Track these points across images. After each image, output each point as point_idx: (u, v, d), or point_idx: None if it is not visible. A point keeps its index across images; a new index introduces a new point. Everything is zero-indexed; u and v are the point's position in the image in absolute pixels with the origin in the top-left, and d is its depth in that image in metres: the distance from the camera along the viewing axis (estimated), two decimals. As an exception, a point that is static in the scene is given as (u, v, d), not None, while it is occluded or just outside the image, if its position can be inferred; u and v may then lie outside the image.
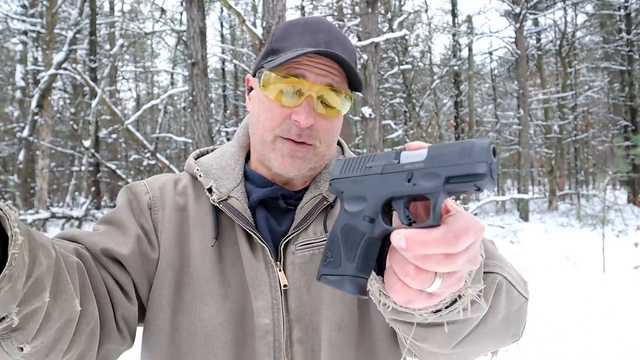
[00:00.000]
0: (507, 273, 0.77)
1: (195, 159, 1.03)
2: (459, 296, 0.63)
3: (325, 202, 0.94)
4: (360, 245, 0.55)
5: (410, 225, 0.53)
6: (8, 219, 0.58)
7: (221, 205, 0.91)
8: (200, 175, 0.96)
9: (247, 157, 1.03)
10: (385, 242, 0.57)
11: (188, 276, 0.89)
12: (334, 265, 0.58)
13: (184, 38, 11.28)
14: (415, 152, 0.54)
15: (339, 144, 1.09)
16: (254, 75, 0.98)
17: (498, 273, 0.74)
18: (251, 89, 0.98)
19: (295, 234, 0.91)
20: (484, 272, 0.72)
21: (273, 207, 0.95)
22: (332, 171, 0.63)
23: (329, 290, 0.89)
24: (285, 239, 0.91)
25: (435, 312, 0.63)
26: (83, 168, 12.63)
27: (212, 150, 1.09)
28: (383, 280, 0.58)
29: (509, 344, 0.85)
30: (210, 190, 0.94)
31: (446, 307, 0.63)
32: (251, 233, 0.89)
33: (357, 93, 0.94)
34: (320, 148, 0.92)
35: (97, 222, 0.96)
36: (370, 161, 0.59)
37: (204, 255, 0.90)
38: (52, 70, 11.56)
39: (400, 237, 0.50)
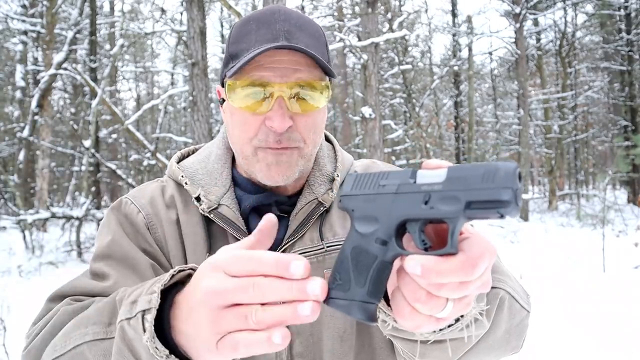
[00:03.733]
0: (510, 287, 0.75)
1: (178, 162, 0.97)
2: (462, 315, 0.61)
3: (321, 208, 0.89)
4: (371, 269, 0.51)
5: (425, 250, 0.50)
6: None
7: (212, 215, 0.86)
8: (186, 183, 0.90)
9: (233, 160, 0.96)
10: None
11: None
12: (342, 289, 0.54)
13: (184, 38, 11.28)
14: (434, 172, 0.51)
15: (329, 140, 1.03)
16: (222, 85, 0.90)
17: (501, 288, 0.73)
18: (223, 100, 0.91)
19: (290, 242, 0.87)
20: None
21: (266, 214, 0.92)
22: (343, 186, 0.59)
23: None
24: (281, 249, 0.87)
25: (436, 331, 0.62)
26: (83, 168, 12.61)
27: (194, 152, 1.02)
28: (384, 298, 0.56)
29: (508, 356, 0.83)
30: (198, 199, 0.88)
31: (448, 326, 0.62)
32: None
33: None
34: (305, 149, 0.85)
35: (95, 260, 0.87)
36: (384, 179, 0.55)
37: None
38: (52, 70, 11.55)
39: (415, 264, 0.47)
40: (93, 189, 11.96)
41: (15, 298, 6.27)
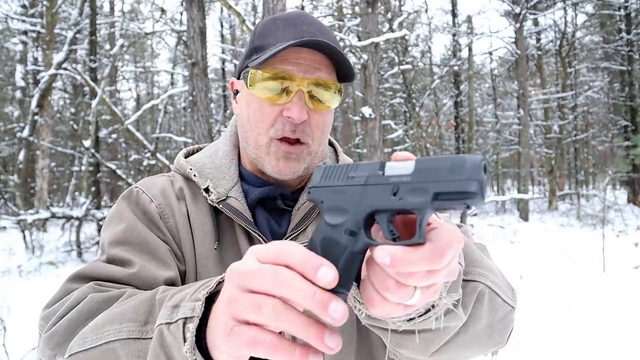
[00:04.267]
0: (490, 281, 0.76)
1: (185, 158, 1.00)
2: (433, 305, 0.62)
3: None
4: (341, 259, 0.51)
5: (394, 240, 0.51)
6: None
7: (220, 206, 0.89)
8: (194, 175, 0.93)
9: (239, 157, 1.00)
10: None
11: (197, 280, 0.88)
12: None
13: (184, 38, 11.28)
14: (402, 164, 0.51)
15: (332, 145, 1.06)
16: (238, 78, 0.94)
17: (479, 282, 0.73)
18: (237, 92, 0.95)
19: (293, 235, 0.90)
20: (465, 280, 0.72)
21: (271, 207, 0.93)
22: (312, 178, 0.60)
23: None
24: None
25: (408, 321, 0.62)
26: (83, 168, 12.62)
27: (199, 150, 1.05)
28: (358, 286, 0.56)
29: (492, 351, 0.83)
30: (207, 190, 0.91)
31: (419, 316, 0.62)
32: (252, 232, 0.88)
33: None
34: (313, 146, 0.89)
35: (111, 246, 0.86)
36: (353, 171, 0.55)
37: (207, 259, 0.88)
38: (52, 70, 11.56)
39: (384, 254, 0.48)
40: (93, 189, 11.96)
41: (15, 298, 6.27)
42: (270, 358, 0.48)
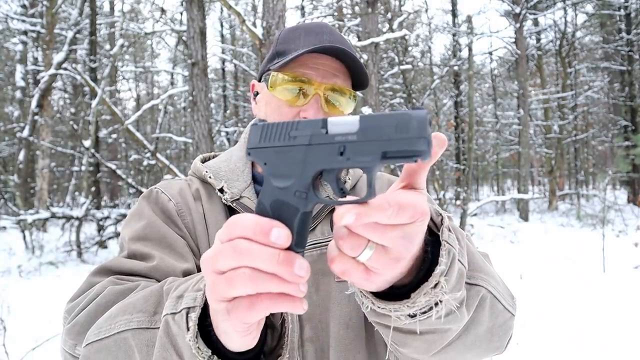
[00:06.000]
0: (492, 287, 0.77)
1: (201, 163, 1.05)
2: (436, 303, 0.62)
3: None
4: (294, 221, 0.51)
5: (344, 196, 0.51)
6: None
7: (234, 204, 0.93)
8: (210, 177, 0.98)
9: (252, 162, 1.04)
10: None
11: None
12: None
13: (184, 38, 11.28)
14: (345, 120, 0.50)
15: None
16: (259, 80, 1.01)
17: (482, 286, 0.75)
18: (257, 93, 1.01)
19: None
20: (469, 284, 0.73)
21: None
22: (250, 138, 0.57)
23: (337, 289, 0.90)
24: None
25: (411, 317, 0.63)
26: (83, 168, 12.62)
27: (215, 157, 1.10)
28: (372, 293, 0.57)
29: (491, 356, 0.85)
30: (221, 190, 0.96)
31: (422, 313, 0.63)
32: None
33: (359, 94, 0.94)
34: None
35: (131, 242, 0.90)
36: (294, 130, 0.53)
37: None
38: (52, 70, 11.56)
39: (339, 215, 0.48)
40: (93, 189, 11.96)
41: (15, 298, 6.27)
42: (274, 309, 0.50)
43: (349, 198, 0.50)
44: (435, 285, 0.60)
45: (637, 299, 5.69)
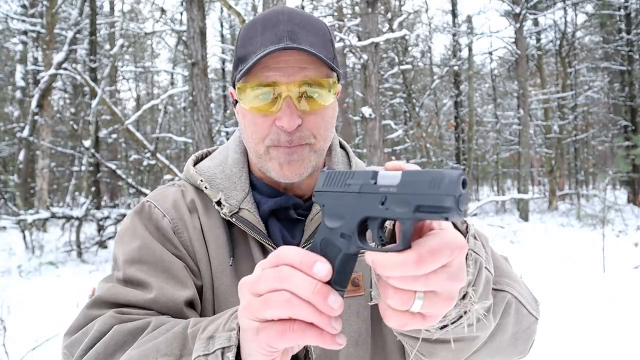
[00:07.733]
0: (517, 292, 0.77)
1: (194, 165, 0.98)
2: (465, 312, 0.62)
3: None
4: (336, 260, 0.56)
5: (382, 245, 0.55)
6: None
7: (233, 219, 0.88)
8: (205, 187, 0.92)
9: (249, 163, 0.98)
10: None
11: (214, 295, 0.88)
12: None
13: (184, 38, 11.28)
14: (391, 174, 0.54)
15: (343, 147, 1.05)
16: (234, 87, 0.93)
17: (508, 292, 0.75)
18: (236, 102, 0.93)
19: (307, 245, 0.89)
20: (494, 290, 0.73)
21: (284, 217, 0.92)
22: (317, 182, 0.64)
23: (346, 305, 0.87)
24: None
25: (441, 328, 0.63)
26: (83, 168, 12.63)
27: (208, 154, 1.03)
28: None
29: None
30: (219, 203, 0.90)
31: (452, 323, 0.63)
32: (266, 245, 0.87)
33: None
34: (317, 144, 0.87)
35: (126, 265, 0.85)
36: (350, 178, 0.59)
37: (222, 272, 0.88)
38: (52, 70, 11.55)
39: (368, 257, 0.51)
40: (93, 189, 11.96)
41: (15, 298, 6.27)
42: (303, 339, 0.53)
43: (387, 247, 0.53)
44: (464, 296, 0.60)
45: (637, 299, 5.69)
